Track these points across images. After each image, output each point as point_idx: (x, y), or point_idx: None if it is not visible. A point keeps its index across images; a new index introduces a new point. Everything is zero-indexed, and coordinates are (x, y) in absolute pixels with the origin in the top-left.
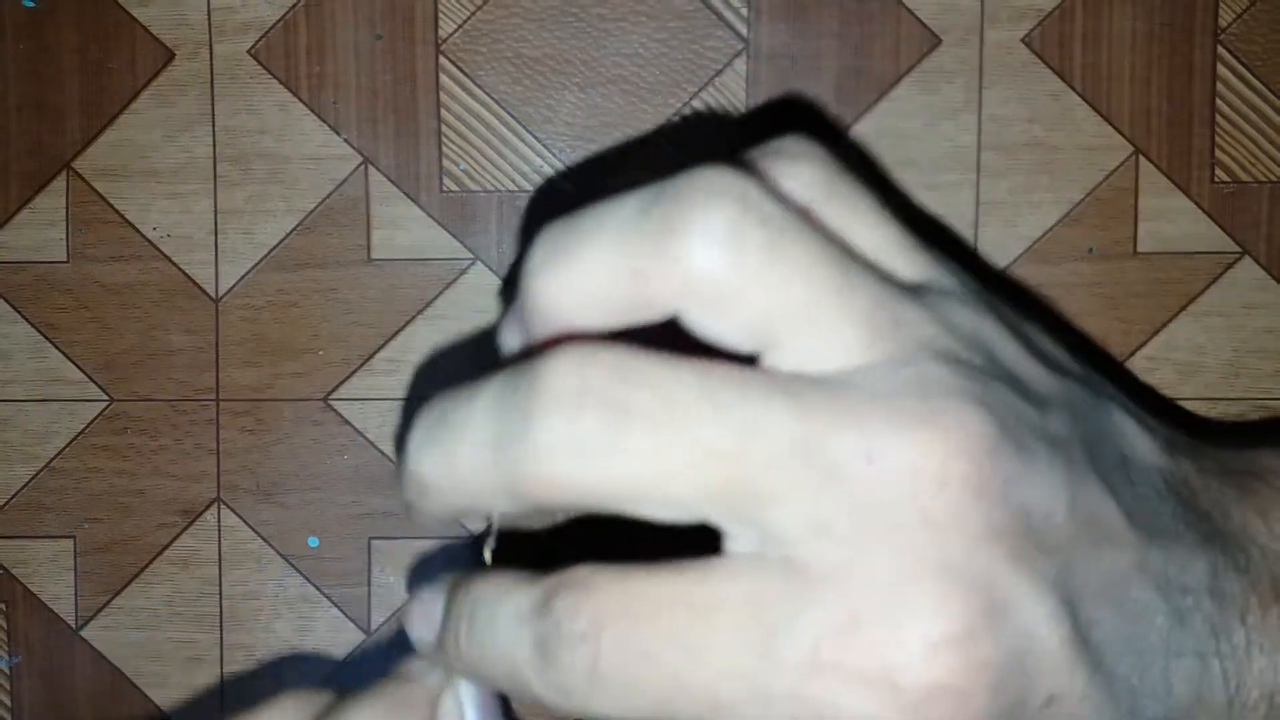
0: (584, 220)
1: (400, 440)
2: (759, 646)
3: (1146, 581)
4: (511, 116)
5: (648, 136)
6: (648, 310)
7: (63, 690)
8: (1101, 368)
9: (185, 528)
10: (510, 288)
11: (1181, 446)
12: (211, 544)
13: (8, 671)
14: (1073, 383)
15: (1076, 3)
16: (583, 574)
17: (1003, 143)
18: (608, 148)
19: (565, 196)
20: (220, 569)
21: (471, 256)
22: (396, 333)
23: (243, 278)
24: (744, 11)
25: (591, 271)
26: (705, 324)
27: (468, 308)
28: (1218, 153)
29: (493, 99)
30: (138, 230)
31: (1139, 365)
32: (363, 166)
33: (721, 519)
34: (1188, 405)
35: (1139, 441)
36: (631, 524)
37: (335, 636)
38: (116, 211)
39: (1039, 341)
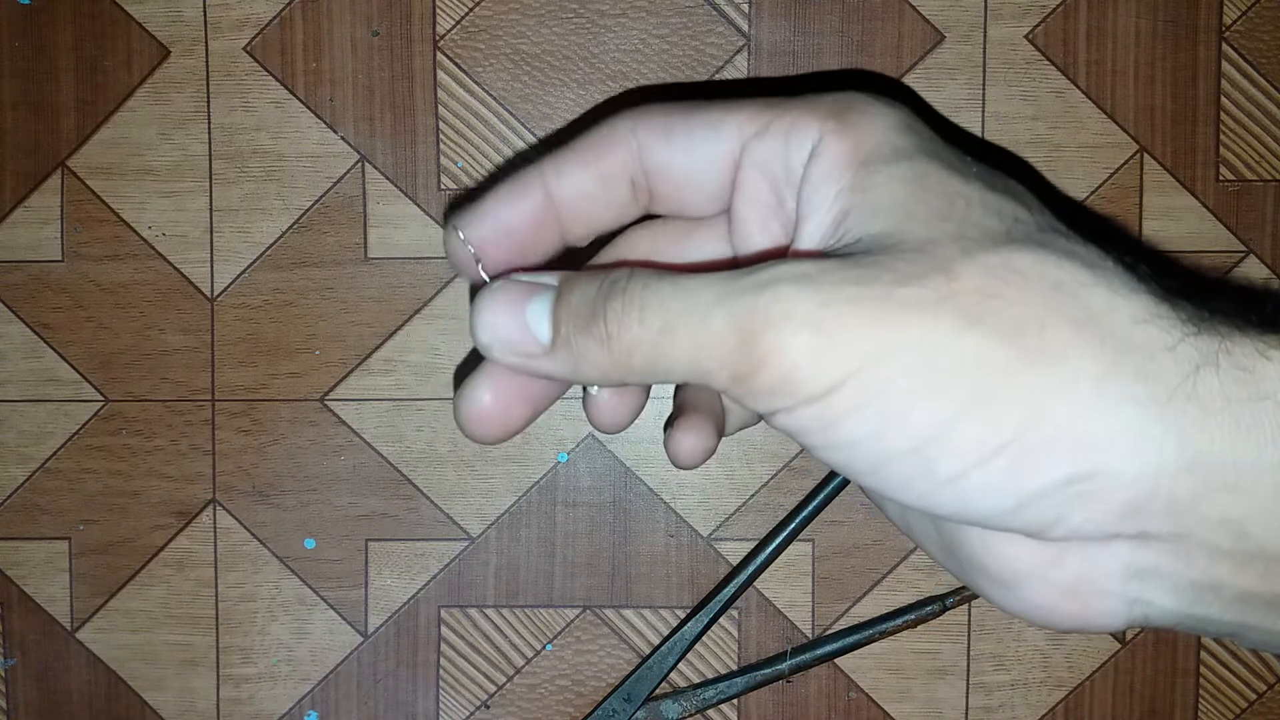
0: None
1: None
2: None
3: None
4: (510, 114)
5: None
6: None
7: (58, 692)
8: None
9: (181, 529)
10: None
11: None
12: (207, 545)
13: (3, 674)
14: None
15: None
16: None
17: (1006, 140)
18: None
19: None
20: (216, 571)
21: None
22: (394, 332)
23: (238, 277)
24: (745, 7)
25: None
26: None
27: (466, 307)
28: (1223, 150)
29: (491, 96)
30: (133, 229)
31: None
32: (360, 164)
33: None
34: None
35: None
36: None
37: (332, 639)
38: (111, 210)
39: None
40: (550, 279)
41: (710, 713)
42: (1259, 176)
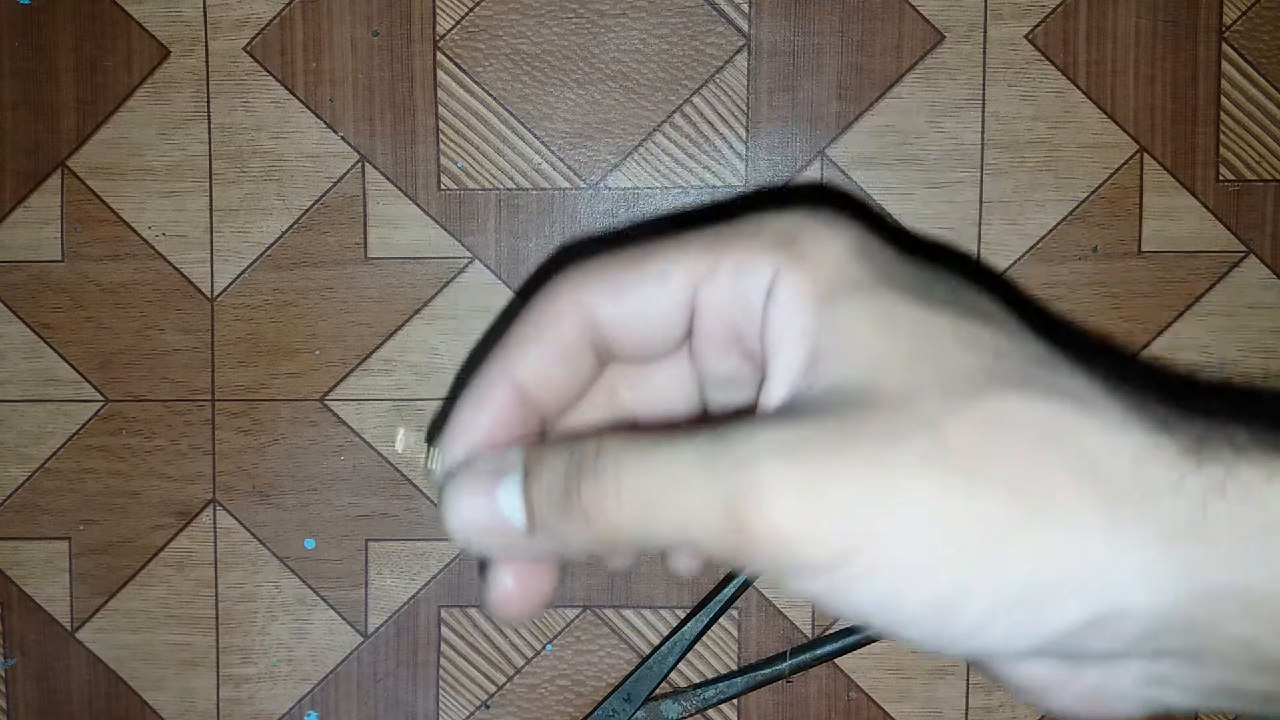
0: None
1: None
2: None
3: None
4: (510, 113)
5: (648, 133)
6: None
7: (58, 692)
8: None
9: (181, 529)
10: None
11: None
12: (207, 546)
13: (3, 674)
14: None
15: None
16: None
17: (1006, 140)
18: (607, 145)
19: (564, 196)
20: (216, 571)
21: (469, 255)
22: (394, 332)
23: (238, 277)
24: (745, 7)
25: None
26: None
27: (466, 307)
28: (1223, 150)
29: (491, 96)
30: (133, 229)
31: None
32: (360, 164)
33: None
34: None
35: None
36: None
37: (332, 639)
38: (111, 210)
39: None
40: (515, 455)
41: (710, 713)
42: (1259, 176)
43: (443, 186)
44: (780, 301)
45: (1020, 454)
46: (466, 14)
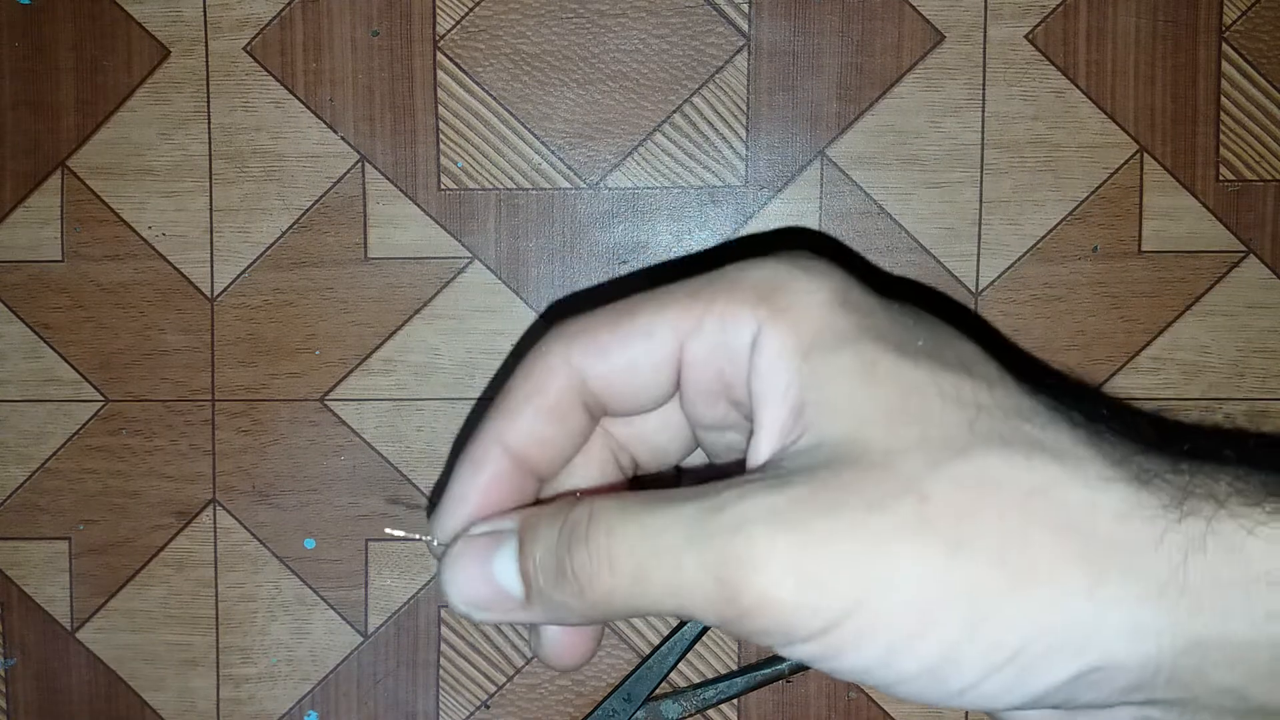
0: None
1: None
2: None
3: None
4: (509, 113)
5: (648, 134)
6: None
7: (58, 692)
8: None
9: (181, 529)
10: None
11: None
12: (207, 546)
13: (3, 674)
14: None
15: None
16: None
17: (1006, 140)
18: (607, 145)
19: (564, 196)
20: (216, 571)
21: (469, 255)
22: (394, 332)
23: (238, 277)
24: (745, 7)
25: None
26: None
27: (466, 307)
28: (1223, 150)
29: (491, 96)
30: (133, 229)
31: (1143, 365)
32: (359, 164)
33: None
34: (1192, 406)
35: None
36: None
37: (332, 639)
38: (111, 210)
39: None
40: (509, 523)
41: (710, 713)
42: (1259, 176)
43: (443, 186)
44: (765, 355)
45: (1004, 516)
46: (466, 14)
